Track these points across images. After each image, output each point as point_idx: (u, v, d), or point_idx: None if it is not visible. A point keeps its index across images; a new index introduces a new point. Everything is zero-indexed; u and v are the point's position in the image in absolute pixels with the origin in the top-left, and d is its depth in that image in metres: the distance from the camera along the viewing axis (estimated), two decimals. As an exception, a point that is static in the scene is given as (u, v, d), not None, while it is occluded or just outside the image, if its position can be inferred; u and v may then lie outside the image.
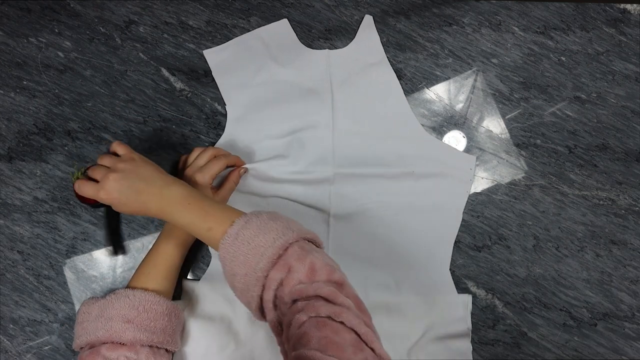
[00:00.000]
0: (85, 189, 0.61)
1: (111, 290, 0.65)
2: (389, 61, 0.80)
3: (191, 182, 0.69)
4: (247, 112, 0.79)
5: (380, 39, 0.81)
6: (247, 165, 0.75)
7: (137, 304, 0.62)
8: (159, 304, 0.63)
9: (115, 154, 0.65)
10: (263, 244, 0.53)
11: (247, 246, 0.53)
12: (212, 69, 0.81)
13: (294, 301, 0.51)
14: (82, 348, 0.62)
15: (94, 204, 0.70)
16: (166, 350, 0.64)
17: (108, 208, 0.75)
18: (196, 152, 0.72)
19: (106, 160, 0.64)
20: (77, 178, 0.67)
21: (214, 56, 0.81)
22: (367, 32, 0.81)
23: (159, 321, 0.62)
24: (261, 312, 0.55)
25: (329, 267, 0.53)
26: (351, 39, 0.82)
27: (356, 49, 0.81)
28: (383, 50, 0.81)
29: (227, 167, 0.72)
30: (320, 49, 0.82)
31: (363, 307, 0.52)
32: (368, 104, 0.79)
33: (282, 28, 0.82)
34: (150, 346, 0.62)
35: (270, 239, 0.53)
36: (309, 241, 0.56)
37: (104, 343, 0.60)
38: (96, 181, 0.61)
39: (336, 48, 0.82)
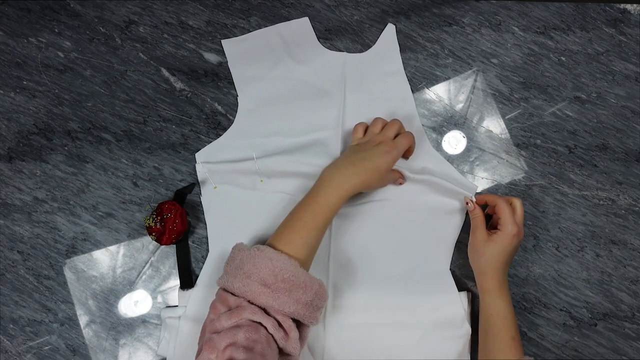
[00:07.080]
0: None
1: (111, 290, 0.64)
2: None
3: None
4: (258, 106, 0.79)
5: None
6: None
7: (277, 271, 0.60)
8: (296, 276, 0.60)
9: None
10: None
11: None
12: (228, 59, 0.81)
13: None
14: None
15: (170, 243, 0.72)
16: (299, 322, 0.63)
17: (178, 245, 0.74)
18: (379, 123, 0.74)
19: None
20: (149, 225, 0.70)
21: (231, 46, 0.82)
22: (388, 40, 0.81)
23: (294, 292, 0.60)
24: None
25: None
26: (351, 39, 0.82)
27: (374, 56, 0.81)
28: (401, 60, 0.81)
29: None
30: (320, 49, 0.82)
31: None
32: (378, 111, 0.78)
33: (302, 26, 0.82)
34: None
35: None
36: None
37: (245, 299, 0.60)
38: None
39: (336, 48, 0.82)
